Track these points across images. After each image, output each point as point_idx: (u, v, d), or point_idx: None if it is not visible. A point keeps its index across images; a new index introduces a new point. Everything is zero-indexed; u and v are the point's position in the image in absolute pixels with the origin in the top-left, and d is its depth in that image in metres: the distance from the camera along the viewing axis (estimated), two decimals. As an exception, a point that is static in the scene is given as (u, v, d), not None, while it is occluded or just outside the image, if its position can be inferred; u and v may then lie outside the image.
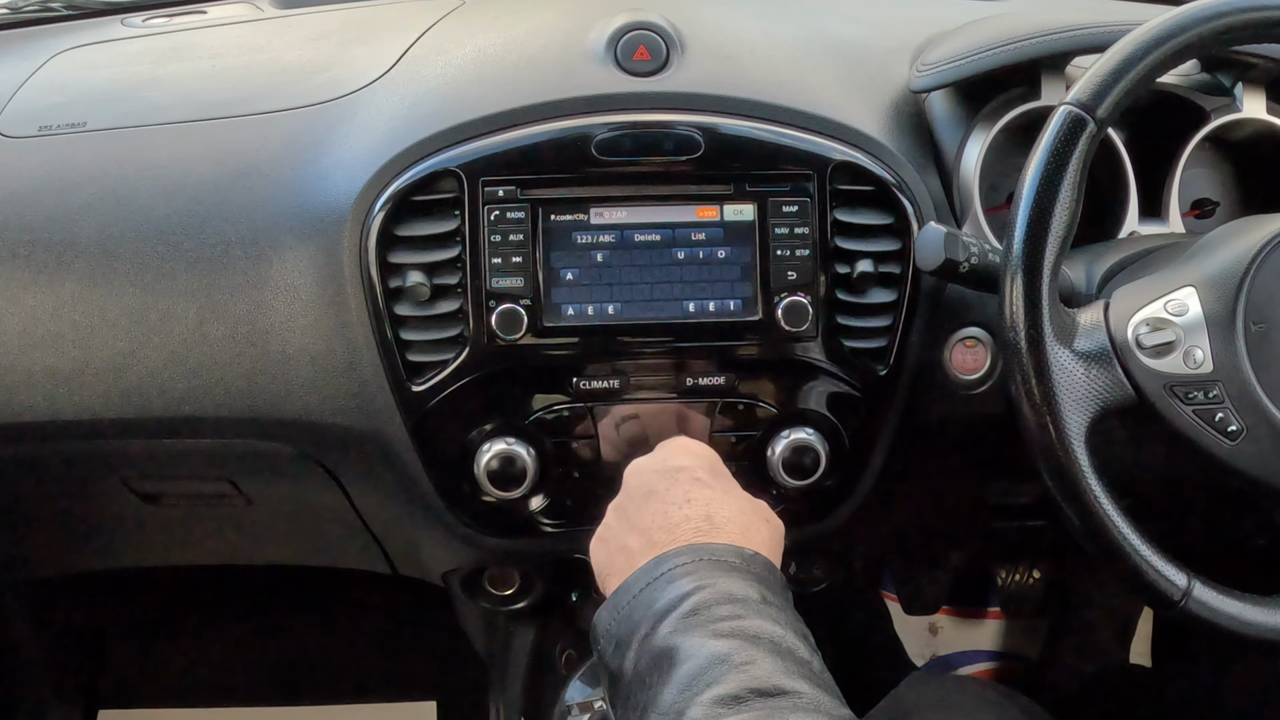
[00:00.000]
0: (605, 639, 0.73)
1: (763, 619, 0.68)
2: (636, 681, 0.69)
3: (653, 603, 0.71)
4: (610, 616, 0.74)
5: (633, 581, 0.74)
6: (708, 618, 0.68)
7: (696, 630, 0.67)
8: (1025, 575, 1.77)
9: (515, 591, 1.20)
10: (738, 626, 0.67)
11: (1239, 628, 0.83)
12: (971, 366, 1.00)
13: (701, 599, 0.69)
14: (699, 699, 0.63)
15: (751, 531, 0.78)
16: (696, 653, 0.66)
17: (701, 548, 0.74)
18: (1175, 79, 1.08)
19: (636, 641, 0.70)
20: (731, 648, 0.65)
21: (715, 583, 0.71)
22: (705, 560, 0.73)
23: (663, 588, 0.71)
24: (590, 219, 0.95)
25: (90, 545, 1.32)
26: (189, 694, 1.75)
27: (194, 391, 0.98)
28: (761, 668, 0.64)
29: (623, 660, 0.71)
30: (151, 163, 1.01)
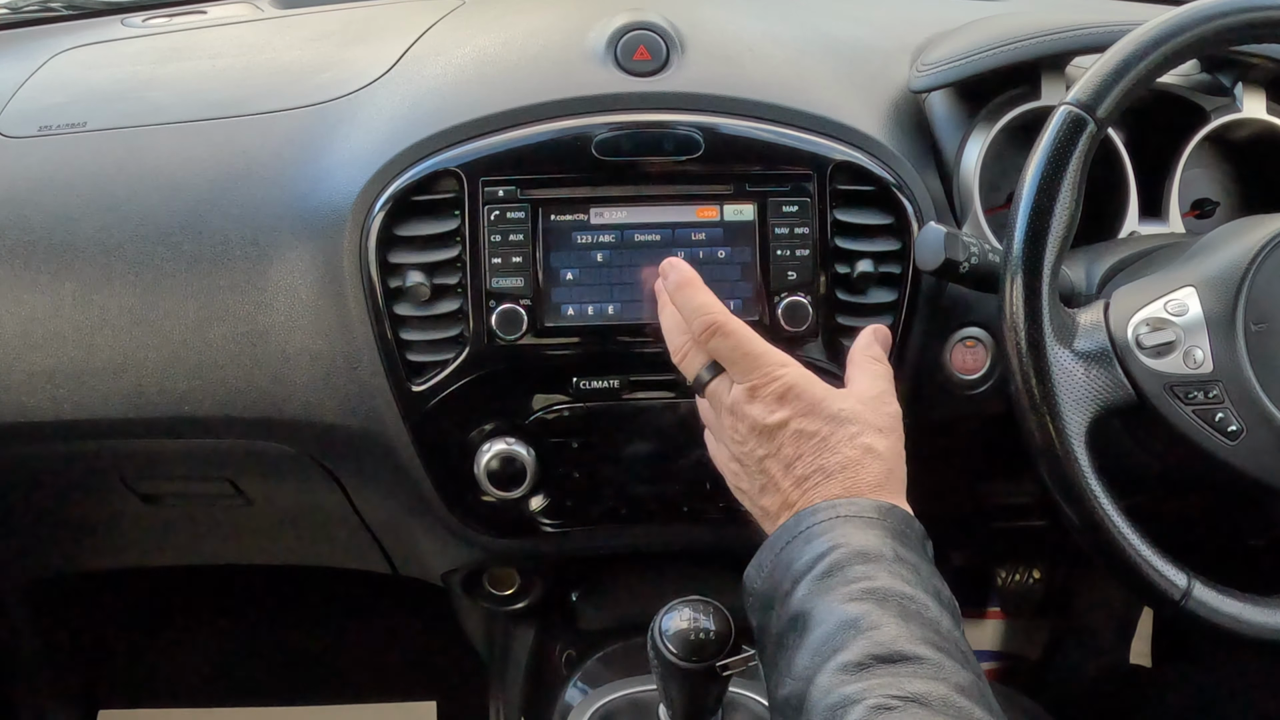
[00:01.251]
0: (753, 598, 0.75)
1: (894, 578, 0.69)
2: (778, 642, 0.71)
3: (791, 562, 0.72)
4: (755, 574, 0.75)
5: (774, 540, 0.75)
6: (841, 579, 0.69)
7: (829, 592, 0.69)
8: (1025, 575, 1.77)
9: (515, 591, 1.19)
10: (868, 588, 0.68)
11: (1239, 628, 0.83)
12: (971, 366, 1.00)
13: (835, 559, 0.70)
14: (826, 665, 0.65)
15: (862, 470, 0.78)
16: (828, 617, 0.67)
17: (841, 503, 0.75)
18: (1175, 79, 1.07)
19: (778, 601, 0.72)
20: (860, 611, 0.67)
21: (849, 541, 0.71)
22: (841, 517, 0.73)
23: (801, 547, 0.73)
24: (590, 219, 0.95)
25: (90, 545, 1.32)
26: (189, 694, 1.75)
27: (194, 391, 0.98)
28: (886, 632, 0.65)
29: (767, 620, 0.73)
30: (151, 163, 1.01)
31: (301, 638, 1.78)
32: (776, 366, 0.81)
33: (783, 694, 0.68)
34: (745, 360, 0.82)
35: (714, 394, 0.84)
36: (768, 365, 0.81)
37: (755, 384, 0.81)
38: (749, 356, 0.81)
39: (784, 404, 0.80)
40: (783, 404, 0.80)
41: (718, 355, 0.83)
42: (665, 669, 0.80)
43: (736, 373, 0.82)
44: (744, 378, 0.81)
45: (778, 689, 0.69)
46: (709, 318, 0.83)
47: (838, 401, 0.80)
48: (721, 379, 0.84)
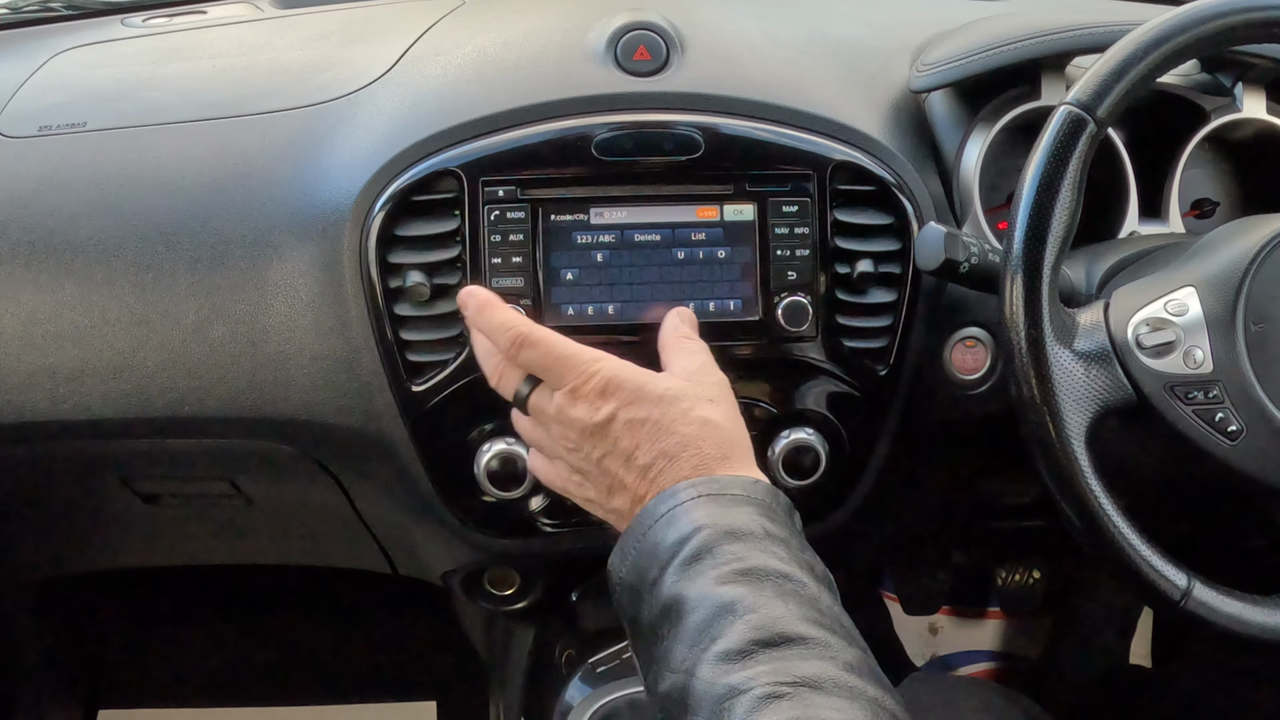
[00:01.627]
0: (619, 587, 0.72)
1: (766, 555, 0.67)
2: (650, 633, 0.68)
3: (657, 547, 0.70)
4: (619, 563, 0.73)
5: (636, 525, 0.73)
6: (711, 562, 0.67)
7: (700, 576, 0.66)
8: (1025, 575, 1.77)
9: (515, 591, 1.19)
10: (741, 569, 0.66)
11: (1239, 628, 0.83)
12: (971, 366, 1.00)
13: (703, 540, 0.68)
14: (705, 654, 0.63)
15: (704, 444, 0.76)
16: (702, 602, 0.65)
17: (700, 481, 0.72)
18: (1175, 79, 1.08)
19: (646, 590, 0.69)
20: (736, 595, 0.64)
21: (715, 520, 0.69)
22: (703, 496, 0.71)
23: (665, 529, 0.70)
24: (590, 219, 0.95)
25: (90, 545, 1.32)
26: (189, 694, 1.75)
27: (194, 391, 0.98)
28: (766, 614, 0.63)
29: (638, 609, 0.70)
30: (151, 163, 1.01)
31: (301, 638, 1.78)
32: (590, 363, 0.79)
33: (663, 688, 0.65)
34: (558, 364, 0.80)
35: (536, 407, 0.82)
36: (581, 364, 0.79)
37: (573, 386, 0.79)
38: (561, 360, 0.80)
39: (607, 398, 0.78)
40: (605, 398, 0.78)
41: (530, 367, 0.82)
42: None
43: (552, 379, 0.81)
44: (560, 382, 0.80)
45: (657, 683, 0.66)
46: (512, 331, 0.81)
47: (661, 382, 0.79)
48: (541, 390, 0.82)
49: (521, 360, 0.82)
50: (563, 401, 0.80)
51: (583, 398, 0.79)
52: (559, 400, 0.80)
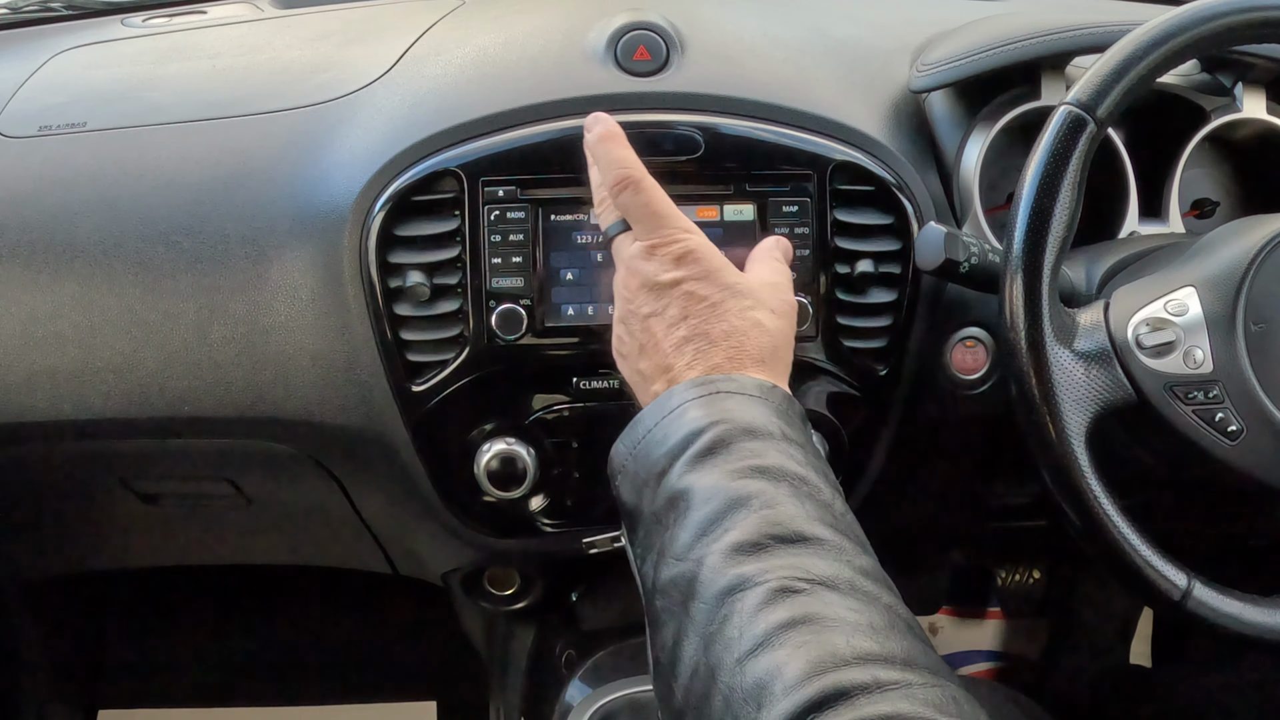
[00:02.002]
0: (621, 475, 0.71)
1: (784, 456, 0.66)
2: (653, 521, 0.66)
3: (667, 439, 0.68)
4: (626, 451, 0.71)
5: (646, 415, 0.71)
6: (726, 456, 0.65)
7: (713, 469, 0.65)
8: (1025, 575, 1.77)
9: (515, 591, 1.20)
10: (758, 465, 0.65)
11: (1239, 628, 0.83)
12: (971, 366, 1.00)
13: (718, 434, 0.67)
14: (716, 545, 0.61)
15: (747, 340, 0.75)
16: (714, 495, 0.63)
17: (719, 379, 0.71)
18: (1175, 79, 1.08)
19: (653, 479, 0.67)
20: (752, 489, 0.63)
21: (733, 417, 0.68)
22: (721, 393, 0.70)
23: (676, 422, 0.69)
24: (590, 219, 0.95)
25: (90, 545, 1.32)
26: (189, 694, 1.75)
27: (194, 391, 0.98)
28: (783, 511, 0.62)
29: (639, 499, 0.68)
30: (152, 163, 1.01)
31: (301, 638, 1.78)
32: (680, 230, 0.79)
33: (666, 575, 0.63)
34: (651, 218, 0.80)
35: (616, 248, 0.82)
36: (671, 227, 0.79)
37: (655, 242, 0.79)
38: (655, 215, 0.80)
39: (680, 265, 0.78)
40: (679, 265, 0.78)
41: (626, 211, 0.82)
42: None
43: (640, 230, 0.80)
44: (646, 235, 0.80)
45: (658, 571, 0.65)
46: (623, 171, 0.81)
47: (735, 275, 0.79)
48: (627, 234, 0.82)
49: (621, 202, 0.82)
50: (638, 252, 0.80)
51: (658, 256, 0.79)
52: (635, 249, 0.80)
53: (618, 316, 0.82)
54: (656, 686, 0.65)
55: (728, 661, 0.57)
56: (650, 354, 0.77)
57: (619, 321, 0.82)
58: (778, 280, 0.82)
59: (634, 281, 0.79)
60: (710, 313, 0.76)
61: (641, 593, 0.68)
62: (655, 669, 0.65)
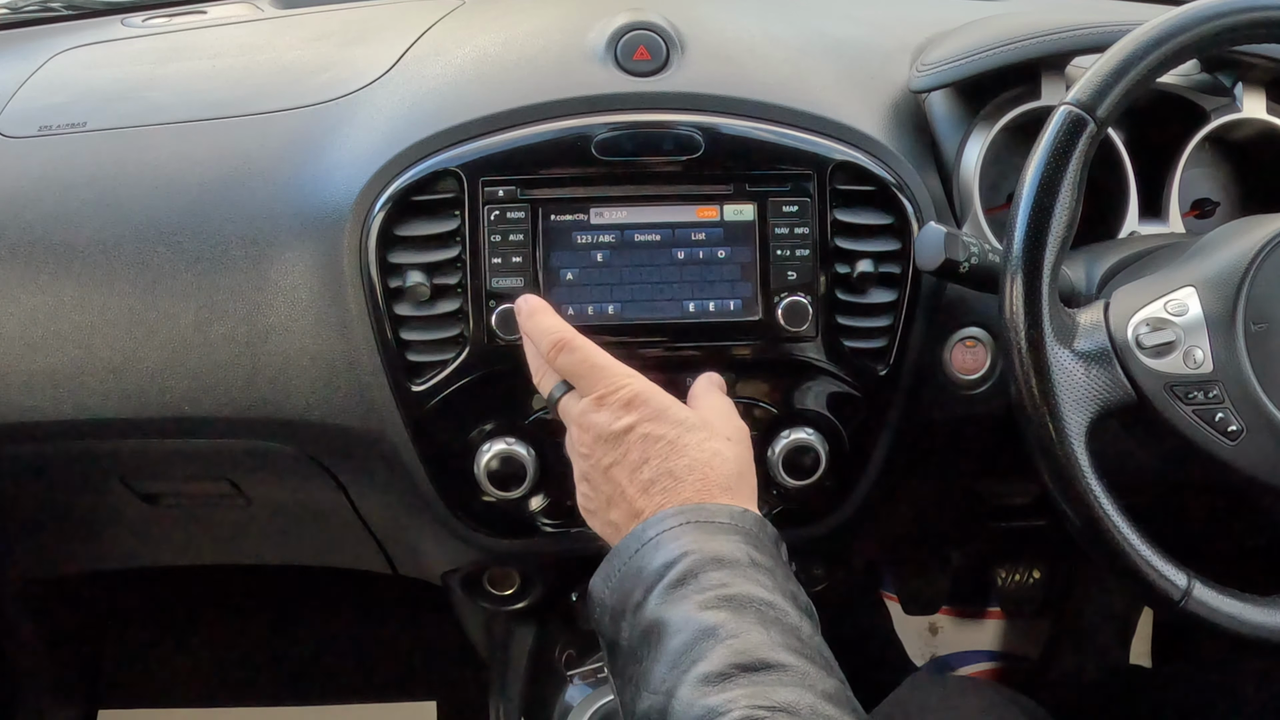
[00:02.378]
0: (600, 609, 0.73)
1: (750, 583, 0.68)
2: (630, 654, 0.69)
3: (641, 570, 0.71)
4: (602, 584, 0.73)
5: (622, 548, 0.73)
6: (695, 586, 0.68)
7: (683, 601, 0.67)
8: (1025, 575, 1.77)
9: (515, 591, 1.19)
10: (724, 595, 0.67)
11: (1239, 628, 0.83)
12: (971, 366, 1.00)
13: (688, 566, 0.69)
14: (686, 676, 0.63)
15: (711, 471, 0.77)
16: (684, 626, 0.66)
17: (690, 509, 0.73)
18: (1175, 79, 1.07)
19: (629, 612, 0.70)
20: (718, 620, 0.65)
21: (701, 547, 0.70)
22: (690, 523, 0.72)
23: (651, 554, 0.71)
24: (590, 219, 0.95)
25: (90, 545, 1.32)
26: (189, 694, 1.75)
27: (194, 391, 0.98)
28: (748, 640, 0.64)
29: (617, 631, 0.71)
30: (152, 163, 1.01)
31: (301, 638, 1.78)
32: (622, 376, 0.82)
33: (642, 708, 0.66)
34: (591, 372, 0.82)
35: (564, 409, 0.85)
36: (613, 376, 0.82)
37: (602, 394, 0.81)
38: (595, 369, 0.82)
39: (630, 410, 0.80)
40: (629, 410, 0.80)
41: (565, 372, 0.84)
42: None
43: (584, 385, 0.83)
44: (590, 389, 0.82)
45: (635, 703, 0.67)
46: (554, 335, 0.85)
47: (684, 410, 0.81)
48: (571, 394, 0.84)
49: (559, 364, 0.84)
50: (587, 406, 0.82)
51: (607, 405, 0.81)
52: (584, 405, 0.82)
53: (579, 475, 0.84)
54: None
55: None
56: (618, 503, 0.78)
57: (581, 480, 0.83)
58: (725, 408, 0.85)
59: (588, 437, 0.81)
60: (670, 450, 0.78)
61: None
62: None
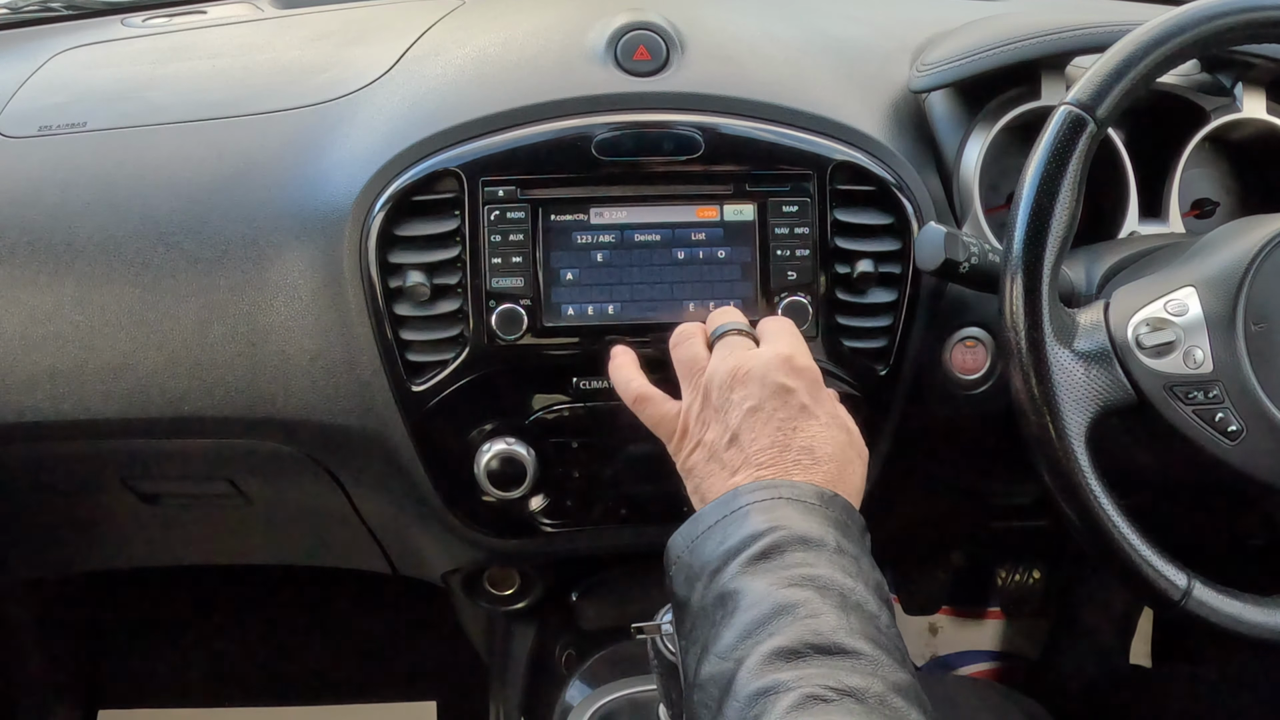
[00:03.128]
0: (676, 567, 0.72)
1: (834, 568, 0.67)
2: (702, 616, 0.68)
3: (725, 539, 0.70)
4: (684, 544, 0.73)
5: (708, 512, 0.73)
6: (779, 563, 0.67)
7: (765, 575, 0.66)
8: (1025, 575, 1.77)
9: (515, 591, 1.20)
10: (808, 575, 0.66)
11: (1239, 628, 0.83)
12: (971, 366, 1.00)
13: (774, 540, 0.68)
14: (758, 648, 0.63)
15: (848, 470, 0.77)
16: (762, 600, 0.65)
17: (783, 484, 0.73)
18: (1175, 79, 1.07)
19: (706, 575, 0.69)
20: (798, 598, 0.65)
21: (790, 525, 0.69)
22: (783, 499, 0.71)
23: (737, 524, 0.70)
24: (590, 219, 0.95)
25: (90, 545, 1.32)
26: (189, 694, 1.75)
27: (194, 391, 0.98)
28: (825, 622, 0.63)
29: (690, 592, 0.70)
30: (151, 163, 1.01)
31: (302, 638, 1.78)
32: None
33: (706, 672, 0.65)
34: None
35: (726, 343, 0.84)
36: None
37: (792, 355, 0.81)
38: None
39: (798, 377, 0.79)
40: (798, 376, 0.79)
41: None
42: (665, 669, 0.80)
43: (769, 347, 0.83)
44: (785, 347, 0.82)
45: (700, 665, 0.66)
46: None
47: (831, 400, 0.81)
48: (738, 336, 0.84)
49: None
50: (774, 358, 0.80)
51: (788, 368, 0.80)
52: (772, 355, 0.81)
53: (704, 401, 0.81)
54: None
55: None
56: (743, 449, 0.77)
57: (708, 406, 0.80)
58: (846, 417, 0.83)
59: (754, 371, 0.79)
60: (822, 432, 0.77)
61: (683, 683, 0.70)
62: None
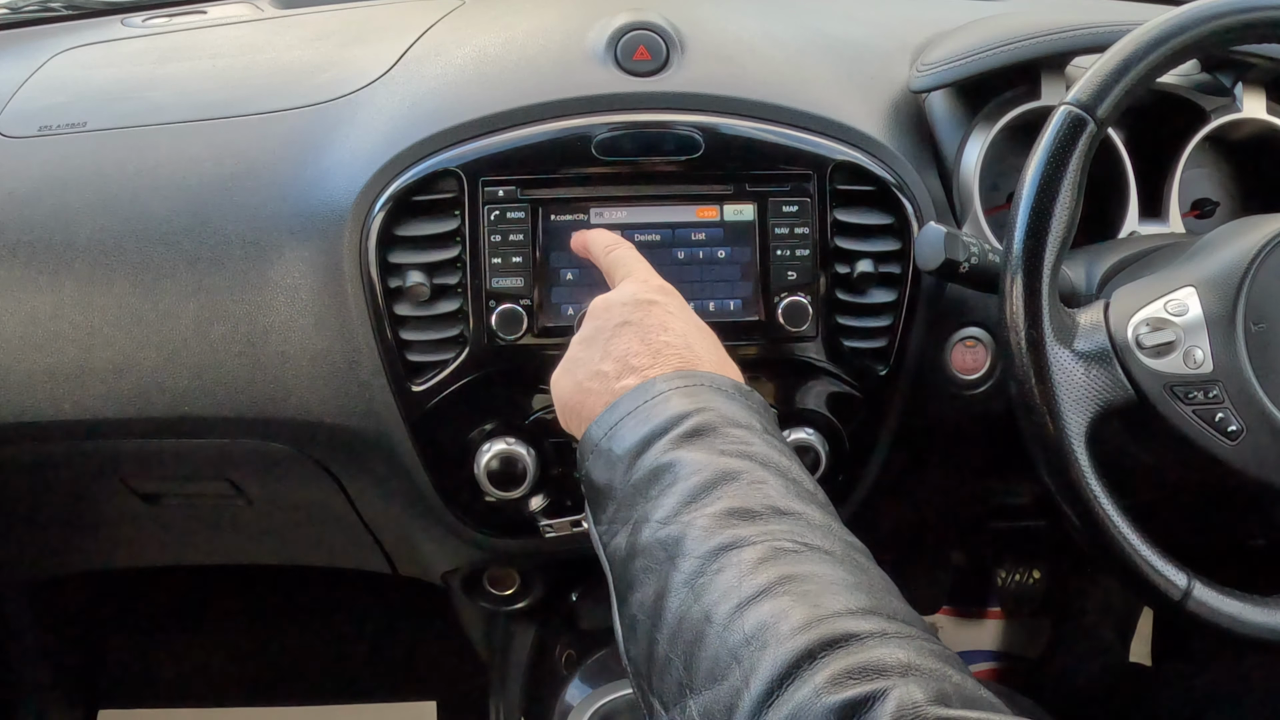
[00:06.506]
0: (594, 455, 0.69)
1: (768, 448, 0.66)
2: (631, 493, 0.65)
3: (650, 419, 0.67)
4: (599, 433, 0.70)
5: (624, 401, 0.70)
6: (713, 438, 0.65)
7: (701, 448, 0.65)
8: (1025, 575, 1.77)
9: (515, 591, 1.20)
10: (744, 450, 0.65)
11: (1239, 628, 0.83)
12: (971, 366, 1.00)
13: (704, 420, 0.66)
14: (708, 510, 0.61)
15: (728, 367, 0.76)
16: (703, 468, 0.63)
17: (694, 374, 0.71)
18: (1175, 79, 1.08)
19: (630, 456, 0.66)
20: (741, 467, 0.63)
21: (716, 406, 0.68)
22: (704, 386, 0.70)
23: (660, 406, 0.68)
24: (590, 219, 0.95)
25: (90, 545, 1.32)
26: (189, 694, 1.75)
27: (194, 391, 0.98)
28: (773, 488, 0.62)
29: (612, 475, 0.67)
30: (151, 163, 1.01)
31: (301, 638, 1.78)
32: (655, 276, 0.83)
33: (648, 538, 0.62)
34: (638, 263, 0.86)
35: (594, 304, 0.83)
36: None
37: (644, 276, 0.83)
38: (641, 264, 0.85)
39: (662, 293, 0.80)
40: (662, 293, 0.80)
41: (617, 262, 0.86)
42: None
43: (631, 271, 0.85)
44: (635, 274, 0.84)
45: (636, 537, 0.63)
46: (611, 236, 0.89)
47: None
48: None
49: (614, 255, 0.86)
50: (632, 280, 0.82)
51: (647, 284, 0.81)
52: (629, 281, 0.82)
53: (576, 340, 0.80)
54: (629, 649, 0.63)
55: (723, 609, 0.57)
56: (619, 359, 0.74)
57: (578, 342, 0.79)
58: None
59: (615, 300, 0.79)
60: (695, 332, 0.77)
61: (608, 569, 0.67)
62: (629, 632, 0.63)
